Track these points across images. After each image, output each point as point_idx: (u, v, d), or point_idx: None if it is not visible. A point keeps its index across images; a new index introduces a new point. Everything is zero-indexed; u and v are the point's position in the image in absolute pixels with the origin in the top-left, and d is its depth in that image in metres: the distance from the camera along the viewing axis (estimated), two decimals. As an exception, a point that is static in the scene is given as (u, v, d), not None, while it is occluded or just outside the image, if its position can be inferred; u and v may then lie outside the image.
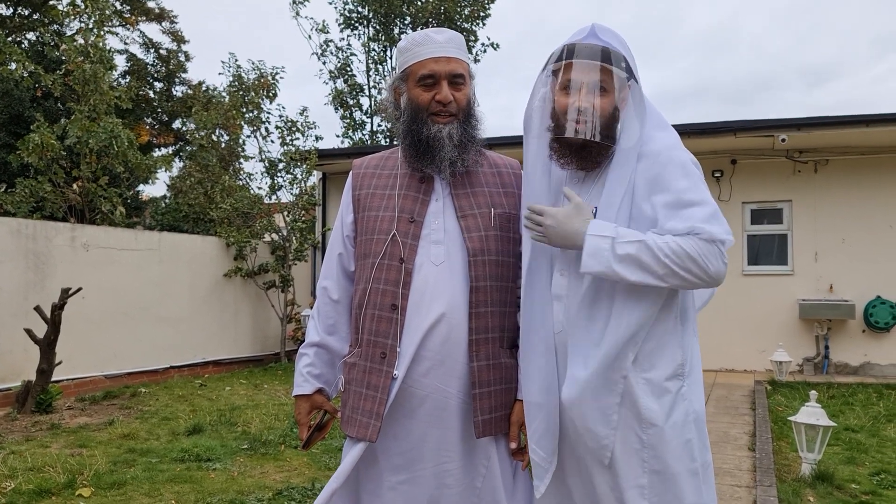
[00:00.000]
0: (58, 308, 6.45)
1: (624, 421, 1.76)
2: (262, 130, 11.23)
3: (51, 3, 17.08)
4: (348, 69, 17.14)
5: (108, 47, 10.10)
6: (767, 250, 10.01)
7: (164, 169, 11.46)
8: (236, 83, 11.29)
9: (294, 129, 11.15)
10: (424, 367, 1.87)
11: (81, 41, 9.62)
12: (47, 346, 6.43)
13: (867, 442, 5.63)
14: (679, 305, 1.82)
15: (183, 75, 20.59)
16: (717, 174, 9.93)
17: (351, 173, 2.13)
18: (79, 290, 6.75)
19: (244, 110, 11.12)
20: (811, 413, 4.62)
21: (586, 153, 1.83)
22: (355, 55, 17.32)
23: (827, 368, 9.42)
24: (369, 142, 16.90)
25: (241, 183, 11.39)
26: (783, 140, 8.90)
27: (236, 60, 11.61)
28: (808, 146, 9.49)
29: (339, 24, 17.11)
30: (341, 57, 17.11)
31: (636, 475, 1.75)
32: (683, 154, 1.79)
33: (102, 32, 9.93)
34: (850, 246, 9.51)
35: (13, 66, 10.14)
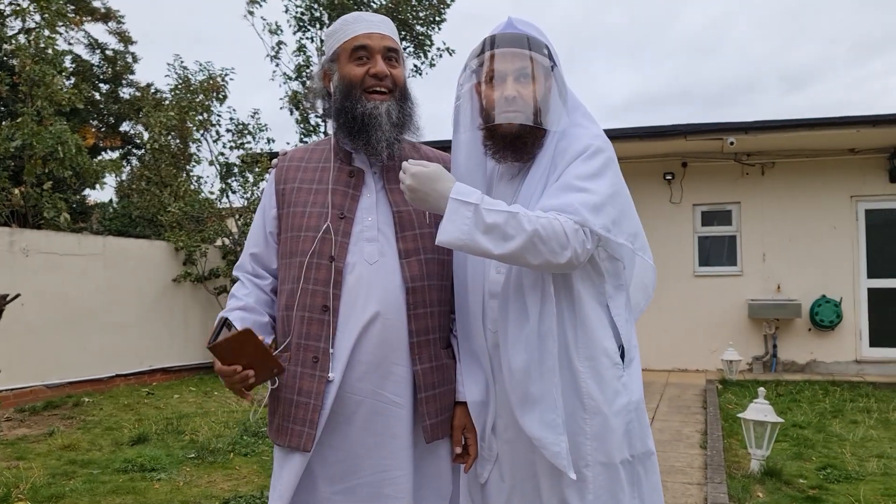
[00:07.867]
0: (-6, 315, 6.19)
1: (568, 415, 1.73)
2: (213, 133, 11.00)
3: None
4: (304, 72, 16.94)
5: (59, 49, 9.78)
6: (717, 252, 10.19)
7: (113, 174, 11.11)
8: (182, 85, 11.03)
9: (245, 132, 10.96)
10: (360, 370, 1.78)
11: (24, 41, 9.28)
12: (-17, 355, 6.17)
13: (814, 437, 5.74)
14: (606, 296, 1.81)
15: (130, 77, 20.08)
16: (669, 177, 10.08)
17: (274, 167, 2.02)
18: (17, 296, 6.48)
19: (193, 113, 10.87)
20: (759, 410, 4.69)
21: (521, 143, 1.80)
22: (310, 56, 17.12)
23: (775, 367, 9.62)
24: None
25: (192, 187, 11.13)
26: (731, 143, 9.07)
27: (182, 62, 11.34)
28: (755, 149, 9.69)
29: (292, 27, 16.91)
30: (295, 60, 16.92)
31: (578, 469, 1.72)
32: (597, 143, 1.77)
33: (54, 35, 9.58)
34: (796, 246, 9.74)
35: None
